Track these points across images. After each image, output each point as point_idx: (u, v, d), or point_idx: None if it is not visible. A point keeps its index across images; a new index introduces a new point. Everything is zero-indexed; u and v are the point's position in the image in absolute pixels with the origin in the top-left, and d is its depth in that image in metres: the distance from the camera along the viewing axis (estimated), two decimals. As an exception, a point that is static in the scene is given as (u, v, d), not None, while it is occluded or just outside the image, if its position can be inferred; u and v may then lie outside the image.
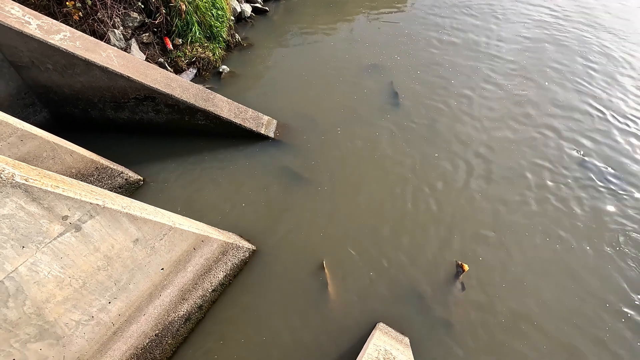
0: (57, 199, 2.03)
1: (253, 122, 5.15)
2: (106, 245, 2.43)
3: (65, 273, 2.24)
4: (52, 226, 2.06)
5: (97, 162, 4.12)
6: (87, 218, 2.23)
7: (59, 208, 2.06)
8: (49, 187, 1.98)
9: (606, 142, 5.32)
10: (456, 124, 5.45)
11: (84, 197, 2.18)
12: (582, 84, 6.24)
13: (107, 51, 4.54)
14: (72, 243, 2.19)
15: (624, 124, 5.59)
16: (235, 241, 3.86)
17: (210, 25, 6.05)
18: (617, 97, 6.01)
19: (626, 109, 5.81)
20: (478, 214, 4.43)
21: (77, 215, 2.15)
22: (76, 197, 2.12)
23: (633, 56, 6.87)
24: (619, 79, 6.36)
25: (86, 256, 2.32)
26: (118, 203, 2.46)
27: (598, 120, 5.62)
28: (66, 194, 2.06)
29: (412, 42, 6.87)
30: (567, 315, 3.65)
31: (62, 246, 2.15)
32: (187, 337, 3.55)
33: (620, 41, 7.25)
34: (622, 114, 5.73)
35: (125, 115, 4.98)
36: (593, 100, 5.93)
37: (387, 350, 2.48)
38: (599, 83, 6.26)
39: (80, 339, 2.54)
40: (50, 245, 2.09)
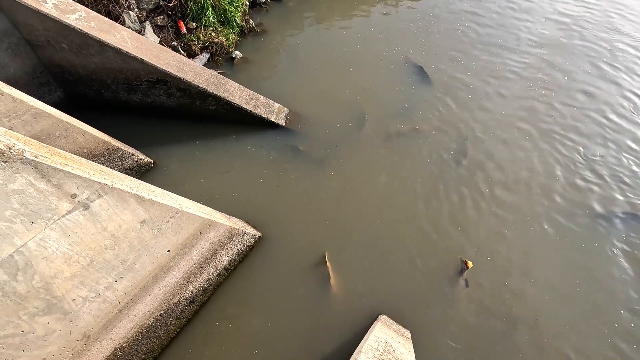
0: (67, 177, 2.05)
1: (264, 110, 5.11)
2: (114, 224, 2.46)
3: (73, 250, 2.27)
4: (60, 203, 2.08)
5: (109, 143, 4.16)
6: (96, 197, 2.25)
7: (68, 186, 2.08)
8: (58, 165, 2.00)
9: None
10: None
11: (92, 176, 2.20)
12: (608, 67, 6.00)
13: (121, 33, 4.53)
14: (80, 221, 2.22)
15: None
16: (241, 227, 3.88)
17: (224, 10, 5.98)
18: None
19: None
20: (487, 217, 4.35)
21: (85, 194, 2.18)
22: (85, 175, 2.14)
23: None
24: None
25: (94, 234, 2.35)
26: (126, 184, 2.48)
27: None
28: (75, 172, 2.08)
29: (431, 31, 6.68)
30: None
31: (71, 224, 2.18)
32: (191, 319, 3.62)
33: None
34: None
35: (138, 97, 5.00)
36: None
37: (387, 342, 2.47)
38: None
39: (87, 315, 2.60)
40: (59, 222, 2.12)
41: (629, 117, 5.46)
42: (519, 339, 3.45)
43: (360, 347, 2.31)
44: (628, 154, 4.99)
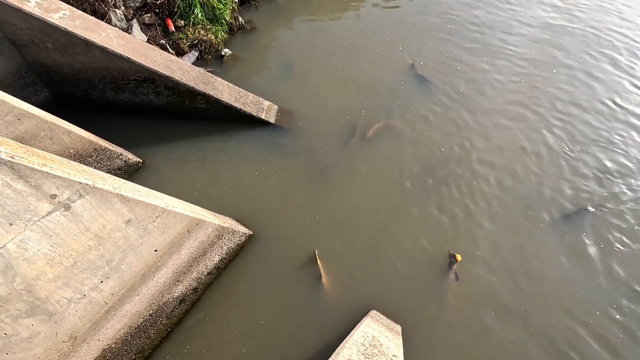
0: (45, 177, 2.02)
1: (253, 107, 5.09)
2: (97, 225, 2.43)
3: (56, 251, 2.25)
4: (40, 204, 2.06)
5: (96, 143, 4.12)
6: (77, 197, 2.22)
7: (47, 186, 2.06)
8: (36, 165, 1.97)
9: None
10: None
11: (73, 176, 2.17)
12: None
13: (107, 31, 4.48)
14: (61, 222, 2.19)
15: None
16: (231, 225, 3.86)
17: (213, 7, 5.93)
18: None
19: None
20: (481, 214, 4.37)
21: (66, 194, 2.15)
22: (65, 176, 2.11)
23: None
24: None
25: (76, 235, 2.33)
26: (109, 183, 2.46)
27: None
28: (54, 172, 2.05)
29: (420, 26, 6.66)
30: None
31: (52, 224, 2.16)
32: (182, 319, 3.61)
33: None
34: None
35: (126, 96, 4.96)
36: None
37: (375, 337, 2.47)
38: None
39: (73, 316, 2.58)
40: (39, 224, 2.10)
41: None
42: (509, 331, 3.47)
43: (344, 343, 2.32)
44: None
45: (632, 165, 4.81)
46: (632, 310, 3.62)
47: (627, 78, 5.95)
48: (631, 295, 3.72)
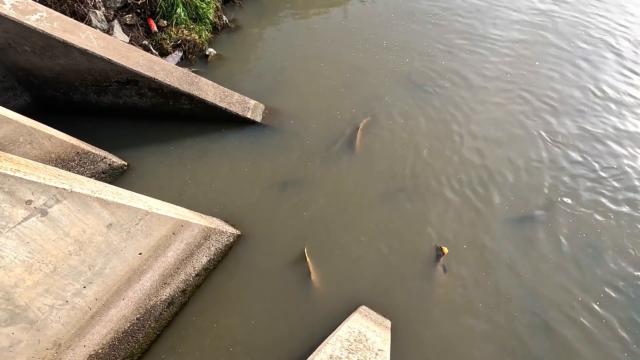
0: (19, 182, 1.98)
1: (239, 107, 5.05)
2: (77, 230, 2.40)
3: (34, 258, 2.22)
4: (15, 211, 2.02)
5: (78, 147, 4.06)
6: (54, 202, 2.19)
7: (22, 192, 2.02)
8: (8, 171, 1.93)
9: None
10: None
11: (48, 181, 2.14)
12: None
13: (86, 33, 4.40)
14: (38, 228, 2.16)
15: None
16: (218, 226, 3.84)
17: (196, 7, 5.87)
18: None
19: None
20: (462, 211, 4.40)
21: (42, 200, 2.11)
22: (39, 181, 2.07)
23: None
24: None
25: (55, 241, 2.30)
26: (88, 187, 2.42)
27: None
28: (28, 177, 2.01)
29: (407, 21, 6.67)
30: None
31: (28, 231, 2.12)
32: (172, 321, 3.59)
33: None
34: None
35: (109, 99, 4.89)
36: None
37: (361, 332, 2.48)
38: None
39: (56, 323, 2.55)
40: (15, 230, 2.06)
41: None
42: (497, 318, 3.52)
43: (328, 339, 2.32)
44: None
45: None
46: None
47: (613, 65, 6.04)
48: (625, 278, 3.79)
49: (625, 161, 4.82)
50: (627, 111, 5.40)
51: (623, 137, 5.08)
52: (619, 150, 4.94)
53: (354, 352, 2.02)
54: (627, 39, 6.56)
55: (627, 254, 3.98)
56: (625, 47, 6.38)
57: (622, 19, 6.97)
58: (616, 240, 4.07)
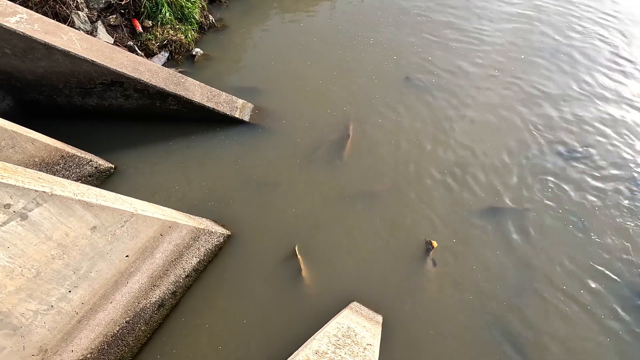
0: (-4, 186, 1.95)
1: (227, 106, 5.02)
2: (59, 233, 2.36)
3: (15, 263, 2.18)
4: (-7, 215, 1.99)
5: (63, 150, 4.00)
6: (34, 206, 2.15)
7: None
8: (-16, 175, 1.90)
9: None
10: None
11: (27, 184, 2.10)
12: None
13: (68, 34, 4.34)
14: (18, 232, 2.12)
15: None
16: (207, 226, 3.82)
17: (181, 6, 5.81)
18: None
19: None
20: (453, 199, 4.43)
21: (21, 203, 2.08)
22: (18, 184, 2.04)
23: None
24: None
25: (37, 245, 2.26)
26: (69, 190, 2.38)
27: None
28: (5, 181, 1.98)
29: (394, 18, 6.69)
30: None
31: (8, 235, 2.08)
32: (163, 323, 3.56)
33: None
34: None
35: (94, 101, 4.82)
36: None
37: (350, 327, 2.48)
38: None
39: (41, 328, 2.51)
40: (-6, 235, 2.03)
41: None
42: (488, 310, 3.55)
43: (315, 335, 2.32)
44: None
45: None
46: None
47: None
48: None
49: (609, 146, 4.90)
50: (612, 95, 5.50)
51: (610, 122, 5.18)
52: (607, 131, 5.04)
53: (341, 347, 2.02)
54: (615, 28, 6.66)
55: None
56: (614, 37, 6.48)
57: (609, 9, 7.09)
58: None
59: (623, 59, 6.15)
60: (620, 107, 5.43)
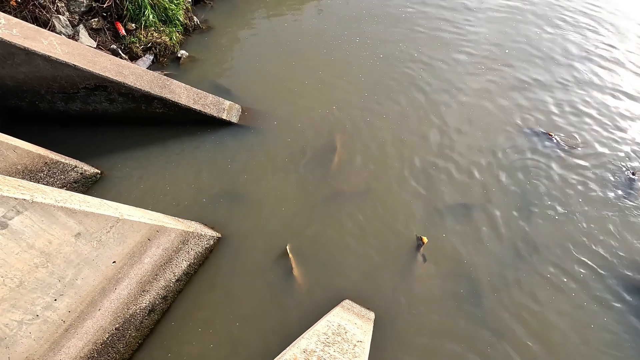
0: (-27, 195, 1.91)
1: (214, 108, 4.99)
2: (42, 241, 2.32)
3: (-4, 272, 2.14)
4: (-29, 224, 1.94)
5: (46, 157, 3.93)
6: (14, 214, 2.11)
7: (-23, 205, 1.94)
8: (-40, 183, 1.85)
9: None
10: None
11: (6, 192, 2.06)
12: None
13: (49, 39, 4.26)
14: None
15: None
16: (196, 229, 3.79)
17: (164, 8, 5.75)
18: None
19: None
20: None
21: (0, 212, 2.04)
22: (-4, 192, 2.00)
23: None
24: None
25: (19, 254, 2.22)
26: (51, 197, 2.35)
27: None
28: (-17, 189, 1.94)
29: (379, 16, 6.71)
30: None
31: (-12, 245, 2.04)
32: (154, 329, 3.52)
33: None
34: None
35: (77, 106, 4.75)
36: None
37: (341, 325, 2.49)
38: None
39: (26, 338, 2.47)
40: (-27, 245, 1.98)
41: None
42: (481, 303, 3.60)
43: (305, 333, 2.32)
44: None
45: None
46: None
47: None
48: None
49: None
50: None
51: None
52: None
53: (330, 345, 2.02)
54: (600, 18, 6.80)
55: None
56: (600, 27, 6.62)
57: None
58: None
59: (610, 46, 6.29)
60: (606, 94, 5.53)
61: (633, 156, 4.84)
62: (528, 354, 3.33)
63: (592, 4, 7.21)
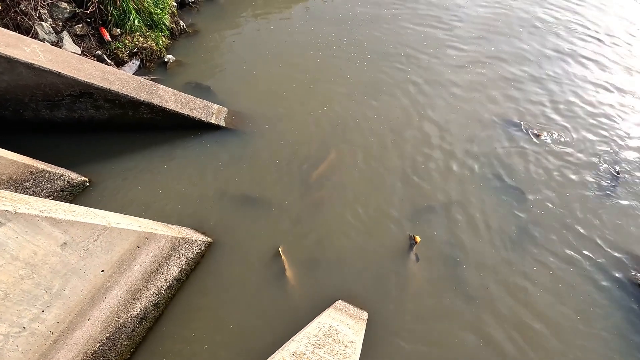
0: (-47, 208, 1.87)
1: (202, 112, 4.97)
2: (27, 252, 2.29)
3: (-20, 286, 2.10)
4: (-49, 238, 1.91)
5: (32, 166, 3.87)
6: (-4, 226, 2.08)
7: (-42, 218, 1.91)
8: (-61, 197, 1.82)
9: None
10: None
11: (-12, 204, 2.03)
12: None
13: (31, 46, 4.20)
14: (-19, 254, 2.05)
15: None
16: (187, 235, 3.76)
17: (150, 13, 5.71)
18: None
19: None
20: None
21: (-18, 224, 2.01)
22: (-23, 204, 1.96)
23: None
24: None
25: (3, 266, 2.18)
26: (35, 207, 2.31)
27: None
28: (-37, 202, 1.90)
29: (367, 18, 6.75)
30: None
31: (-30, 258, 2.00)
32: (146, 336, 3.49)
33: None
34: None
35: (63, 114, 4.68)
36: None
37: (332, 326, 2.50)
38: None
39: (13, 352, 2.42)
40: (-46, 259, 1.95)
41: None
42: (475, 301, 3.63)
43: (295, 336, 2.32)
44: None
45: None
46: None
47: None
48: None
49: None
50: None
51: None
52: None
53: (320, 347, 2.03)
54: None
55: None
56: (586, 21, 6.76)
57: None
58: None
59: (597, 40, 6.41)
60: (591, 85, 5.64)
61: (617, 152, 4.94)
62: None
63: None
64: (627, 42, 6.53)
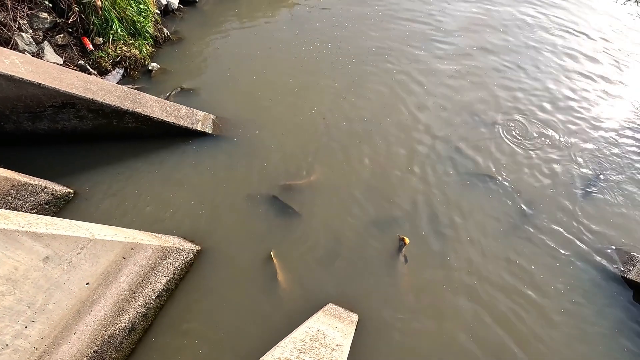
0: None
1: (188, 120, 4.95)
2: (7, 268, 2.26)
3: (-42, 304, 2.06)
4: None
5: (13, 179, 3.81)
6: (-26, 243, 2.05)
7: None
8: None
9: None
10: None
11: (-36, 220, 2.00)
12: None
13: (10, 57, 4.15)
14: (-41, 271, 2.01)
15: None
16: (174, 244, 3.74)
17: (133, 21, 5.68)
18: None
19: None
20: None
21: (-41, 241, 1.97)
22: (-47, 221, 1.93)
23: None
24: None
25: (-18, 283, 2.15)
26: (15, 222, 2.28)
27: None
28: (-62, 219, 1.87)
29: (351, 22, 6.81)
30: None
31: (-53, 276, 1.97)
32: (136, 348, 3.45)
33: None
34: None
35: (45, 125, 4.62)
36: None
37: (320, 330, 2.51)
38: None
39: (-4, 369, 2.38)
40: None
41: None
42: (463, 296, 3.68)
43: (281, 342, 2.33)
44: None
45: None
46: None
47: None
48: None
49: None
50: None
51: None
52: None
53: (306, 351, 2.03)
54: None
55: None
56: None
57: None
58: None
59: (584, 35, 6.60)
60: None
61: (595, 154, 5.07)
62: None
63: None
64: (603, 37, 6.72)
